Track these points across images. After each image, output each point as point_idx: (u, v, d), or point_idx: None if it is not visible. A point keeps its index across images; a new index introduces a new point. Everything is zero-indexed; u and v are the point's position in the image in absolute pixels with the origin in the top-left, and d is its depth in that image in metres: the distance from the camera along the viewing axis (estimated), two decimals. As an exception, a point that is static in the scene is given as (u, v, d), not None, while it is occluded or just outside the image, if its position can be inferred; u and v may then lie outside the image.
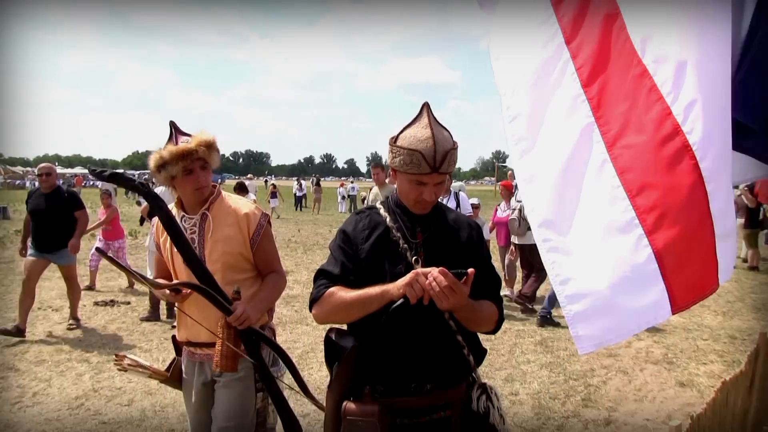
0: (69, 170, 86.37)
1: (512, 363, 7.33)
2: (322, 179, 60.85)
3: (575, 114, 2.83)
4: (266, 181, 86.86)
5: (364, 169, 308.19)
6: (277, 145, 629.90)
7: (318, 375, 6.73)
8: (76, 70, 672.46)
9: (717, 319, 9.60)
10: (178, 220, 3.35)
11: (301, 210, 37.88)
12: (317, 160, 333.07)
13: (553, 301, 9.19)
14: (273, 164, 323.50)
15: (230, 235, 3.42)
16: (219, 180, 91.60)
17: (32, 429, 5.24)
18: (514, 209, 10.15)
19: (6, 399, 5.89)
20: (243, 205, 3.55)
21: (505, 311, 2.72)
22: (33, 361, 7.07)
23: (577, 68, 2.89)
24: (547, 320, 9.20)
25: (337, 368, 2.60)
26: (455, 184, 10.27)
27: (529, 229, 9.38)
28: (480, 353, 2.74)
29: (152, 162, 3.31)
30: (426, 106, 2.57)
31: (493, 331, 2.69)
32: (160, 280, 3.43)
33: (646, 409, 5.90)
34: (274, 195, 33.34)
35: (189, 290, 3.26)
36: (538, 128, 2.89)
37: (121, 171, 3.00)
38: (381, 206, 2.73)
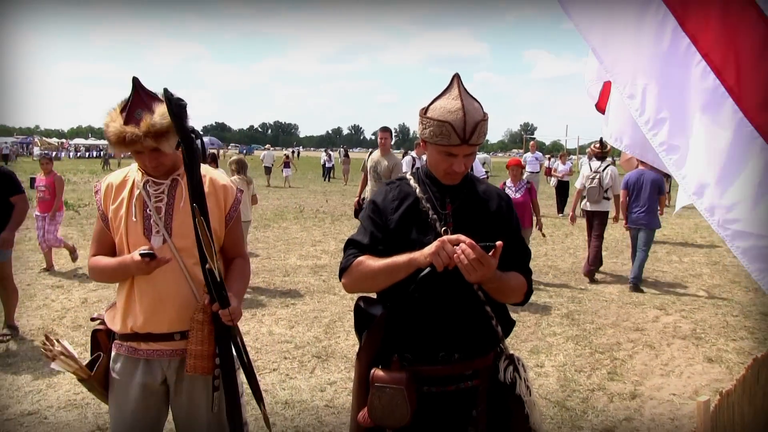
0: (103, 141, 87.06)
1: (538, 335, 7.35)
2: (350, 150, 60.90)
3: (721, 112, 2.64)
4: (293, 152, 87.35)
5: (392, 140, 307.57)
6: (305, 116, 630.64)
7: (345, 344, 6.82)
8: (107, 45, 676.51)
9: (749, 295, 9.50)
10: (141, 185, 2.89)
11: (329, 181, 37.92)
12: (345, 132, 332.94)
13: (640, 268, 9.90)
14: (301, 135, 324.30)
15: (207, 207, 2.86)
16: (244, 151, 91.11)
17: (71, 390, 5.37)
18: (593, 178, 10.70)
19: (47, 361, 6.02)
20: (219, 176, 3.08)
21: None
22: (70, 326, 7.23)
23: (703, 55, 2.67)
24: (638, 288, 9.77)
25: (366, 335, 2.63)
26: (481, 156, 10.40)
27: (605, 197, 10.63)
28: (508, 324, 2.76)
29: (114, 136, 2.77)
30: (456, 77, 2.56)
31: (522, 303, 2.70)
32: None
33: (672, 383, 5.90)
34: (287, 165, 34.05)
35: (164, 259, 2.74)
36: (686, 135, 2.71)
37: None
38: (411, 177, 2.73)
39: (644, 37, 2.82)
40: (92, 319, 3.17)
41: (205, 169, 3.04)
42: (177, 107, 2.59)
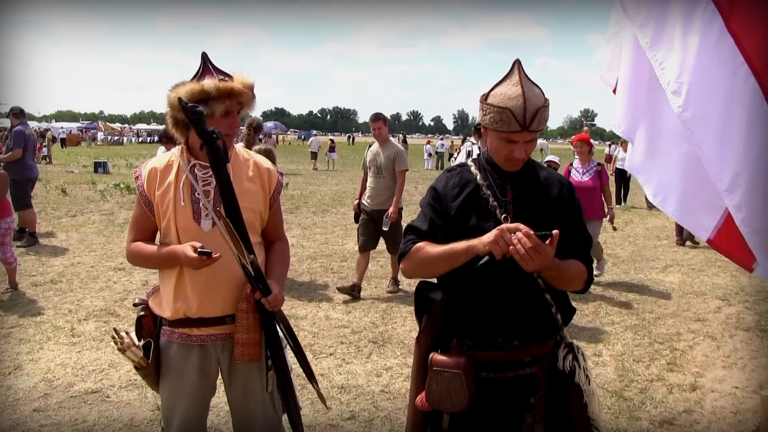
0: (163, 126, 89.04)
1: (596, 324, 7.25)
2: (409, 136, 61.04)
3: (758, 115, 2.65)
4: (349, 137, 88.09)
5: (450, 126, 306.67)
6: (364, 101, 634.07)
7: (401, 329, 6.84)
8: (170, 30, 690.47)
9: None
10: (187, 169, 2.90)
11: (387, 166, 38.11)
12: (404, 117, 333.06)
13: None
14: (360, 121, 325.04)
15: (252, 190, 2.98)
16: (303, 137, 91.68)
17: (132, 370, 5.46)
18: None
19: (108, 341, 6.22)
20: (261, 159, 3.13)
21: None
22: (131, 308, 7.36)
23: (746, 58, 2.65)
24: None
25: (426, 319, 2.66)
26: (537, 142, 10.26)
27: None
28: (569, 312, 2.75)
29: (188, 94, 2.74)
30: (517, 63, 2.56)
31: (582, 291, 2.69)
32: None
33: (735, 376, 5.75)
34: (332, 149, 35.97)
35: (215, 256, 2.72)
36: (723, 135, 2.72)
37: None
38: (472, 164, 2.73)
39: (692, 34, 2.80)
40: (135, 305, 3.19)
41: (249, 154, 3.12)
42: (193, 114, 2.64)
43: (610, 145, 29.53)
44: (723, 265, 10.52)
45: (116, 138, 67.27)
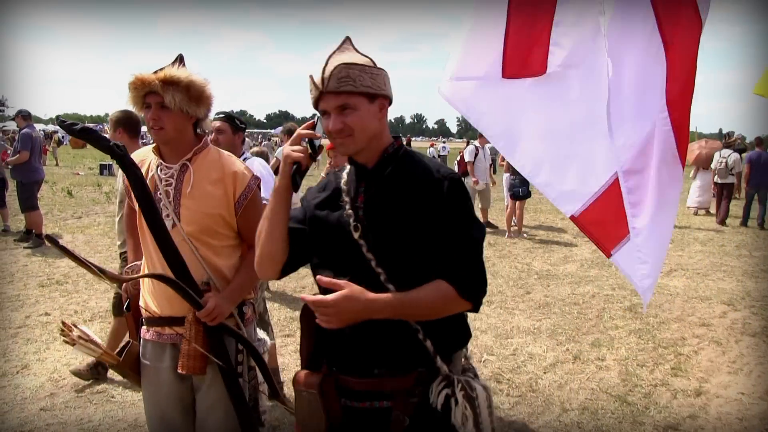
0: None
1: (600, 328, 7.23)
2: (413, 139, 61.17)
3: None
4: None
5: (454, 129, 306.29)
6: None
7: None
8: (173, 34, 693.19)
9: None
10: (155, 169, 2.90)
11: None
12: (408, 120, 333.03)
13: (765, 213, 15.26)
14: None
15: (212, 193, 2.87)
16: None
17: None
18: (722, 162, 16.18)
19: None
20: (233, 162, 2.98)
21: (591, 276, 2.67)
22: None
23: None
24: (762, 227, 15.14)
25: (300, 335, 2.47)
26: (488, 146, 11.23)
27: (731, 174, 16.27)
28: (451, 339, 2.33)
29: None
30: (347, 39, 2.32)
31: (472, 309, 2.23)
32: (126, 275, 2.79)
33: (741, 382, 5.72)
34: None
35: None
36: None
37: (93, 127, 2.51)
38: (348, 165, 2.41)
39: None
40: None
41: (221, 155, 3.01)
42: (71, 132, 2.57)
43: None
44: (728, 269, 10.50)
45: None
